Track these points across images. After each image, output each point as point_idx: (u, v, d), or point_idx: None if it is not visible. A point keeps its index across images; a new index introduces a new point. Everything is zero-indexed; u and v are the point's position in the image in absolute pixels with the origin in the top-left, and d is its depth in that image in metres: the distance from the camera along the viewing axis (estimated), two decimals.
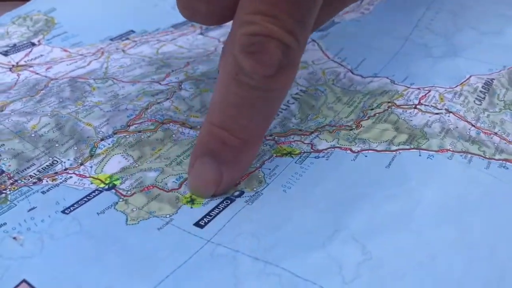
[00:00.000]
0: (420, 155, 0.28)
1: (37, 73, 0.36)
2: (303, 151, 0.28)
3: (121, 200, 0.25)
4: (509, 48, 0.39)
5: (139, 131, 0.29)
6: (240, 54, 0.22)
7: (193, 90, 0.33)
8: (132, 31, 0.43)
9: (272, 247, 0.22)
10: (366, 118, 0.31)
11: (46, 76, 0.35)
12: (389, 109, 0.32)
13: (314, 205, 0.25)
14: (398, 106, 0.32)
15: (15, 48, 0.40)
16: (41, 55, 0.39)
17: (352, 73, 0.36)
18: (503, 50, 0.38)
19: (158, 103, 0.32)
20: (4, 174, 0.26)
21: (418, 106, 0.32)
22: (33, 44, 0.40)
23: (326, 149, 0.28)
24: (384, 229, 0.23)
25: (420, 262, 0.22)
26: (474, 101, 0.33)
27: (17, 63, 0.38)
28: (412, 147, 0.28)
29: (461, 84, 0.34)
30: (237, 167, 0.25)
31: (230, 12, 0.23)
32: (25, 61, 0.38)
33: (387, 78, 0.35)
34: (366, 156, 0.28)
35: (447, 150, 0.28)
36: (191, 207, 0.25)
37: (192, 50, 0.40)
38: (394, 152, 0.28)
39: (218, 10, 0.24)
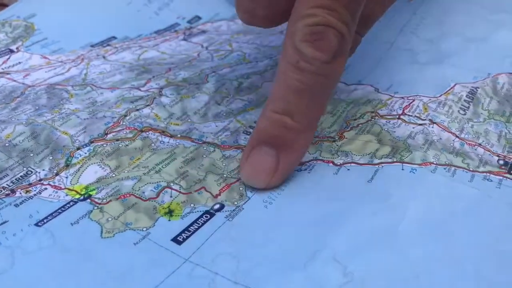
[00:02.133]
0: (403, 169, 0.27)
1: (14, 80, 0.35)
2: None
3: (96, 208, 0.24)
4: (493, 55, 0.38)
5: (117, 140, 0.28)
6: (302, 42, 0.24)
7: (174, 96, 0.33)
8: (114, 37, 0.42)
9: (252, 269, 0.22)
10: (349, 129, 0.30)
11: (23, 83, 0.34)
12: (373, 119, 0.31)
13: (295, 222, 0.24)
14: (382, 116, 0.32)
15: None
16: (19, 62, 0.38)
17: None
18: (487, 57, 0.38)
19: (137, 110, 0.31)
20: None
21: (401, 116, 0.31)
22: (12, 51, 0.39)
23: (308, 162, 0.28)
24: (367, 248, 0.22)
25: (404, 280, 0.21)
26: (459, 110, 0.32)
27: None
28: (395, 160, 0.28)
29: (445, 93, 0.34)
30: (294, 153, 0.26)
31: (286, 13, 0.26)
32: (2, 68, 0.37)
33: (372, 86, 0.35)
34: (348, 169, 0.27)
35: (430, 163, 0.28)
36: (169, 220, 0.24)
37: (174, 56, 0.39)
38: (377, 166, 0.27)
39: (276, 12, 0.28)
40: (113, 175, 0.26)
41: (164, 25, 0.45)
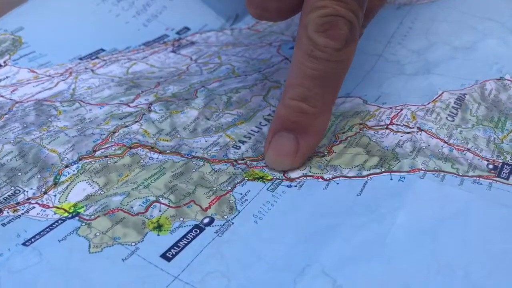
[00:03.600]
0: (391, 179, 0.27)
1: (2, 96, 0.35)
2: (275, 178, 0.28)
3: (83, 224, 0.24)
4: (480, 62, 0.39)
5: (106, 156, 0.28)
6: (315, 33, 0.26)
7: (163, 112, 0.33)
8: (102, 50, 0.42)
9: None
10: (338, 142, 0.31)
11: (11, 99, 0.34)
12: (361, 131, 0.31)
13: (285, 238, 0.24)
14: (370, 127, 0.32)
15: None
16: (7, 77, 0.38)
17: None
18: (475, 65, 0.39)
19: (126, 126, 0.31)
20: None
21: (389, 126, 0.32)
22: None
23: (298, 178, 0.28)
24: (356, 260, 0.23)
25: None
26: (447, 117, 0.33)
27: None
28: (383, 170, 0.28)
29: (433, 100, 0.34)
30: (312, 136, 0.28)
31: (296, 7, 0.29)
32: None
33: (360, 98, 0.35)
34: (337, 183, 0.27)
35: (419, 169, 0.28)
36: (158, 234, 0.24)
37: (163, 70, 0.39)
38: (366, 178, 0.28)
39: (286, 6, 0.29)
40: (102, 192, 0.26)
41: (153, 37, 0.45)
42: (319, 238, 0.24)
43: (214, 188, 0.27)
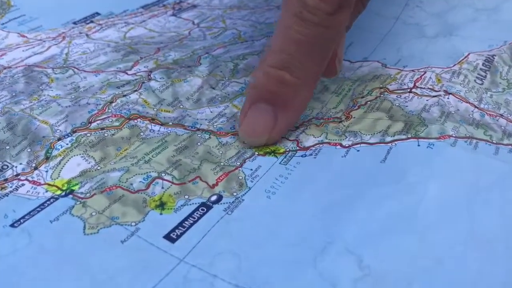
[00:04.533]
0: (419, 145, 0.25)
1: None
2: (288, 149, 0.26)
3: (78, 203, 0.22)
4: (508, 23, 0.36)
5: (102, 129, 0.26)
6: None
7: (164, 80, 0.30)
8: (97, 13, 0.39)
9: (255, 270, 0.19)
10: (356, 107, 0.28)
11: None
12: (382, 95, 0.29)
13: (302, 213, 0.22)
14: (391, 91, 0.29)
15: None
16: None
17: None
18: (501, 26, 0.36)
19: (124, 95, 0.28)
20: None
21: (413, 90, 0.29)
22: None
23: (313, 146, 0.26)
24: (383, 235, 0.20)
25: (427, 269, 0.19)
26: (475, 80, 0.30)
27: None
28: (410, 136, 0.26)
29: (459, 62, 0.32)
30: (292, 110, 0.26)
31: None
32: None
33: (378, 62, 0.33)
34: (358, 150, 0.25)
35: (449, 136, 0.25)
36: (161, 213, 0.22)
37: (163, 34, 0.37)
38: (390, 144, 0.25)
39: None
40: (98, 168, 0.24)
41: None
42: (340, 211, 0.22)
43: (222, 164, 0.25)
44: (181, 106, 0.28)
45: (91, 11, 0.40)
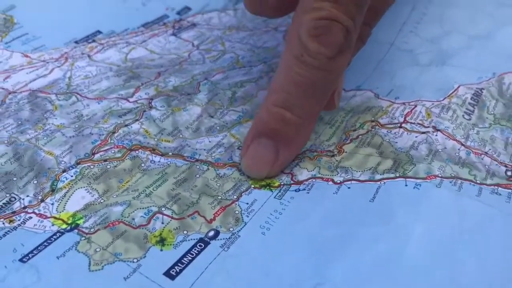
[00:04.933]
0: (406, 185, 0.27)
1: None
2: (282, 183, 0.27)
3: (83, 238, 0.23)
4: (498, 53, 0.38)
5: (105, 160, 0.27)
6: (307, 36, 0.24)
7: (165, 109, 0.31)
8: (99, 32, 0.40)
9: None
10: (348, 141, 0.30)
11: (3, 88, 0.33)
12: (373, 129, 0.30)
13: (294, 251, 0.23)
14: (383, 125, 0.31)
15: None
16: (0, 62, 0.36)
17: None
18: (492, 56, 0.37)
19: (126, 125, 0.30)
20: None
21: (403, 125, 0.31)
22: None
23: (307, 180, 0.27)
24: (369, 280, 0.22)
25: None
26: (463, 115, 0.32)
27: None
28: (398, 175, 0.27)
29: (449, 96, 0.33)
30: (293, 146, 0.27)
31: (294, 3, 0.26)
32: None
33: (371, 91, 0.34)
34: (349, 188, 0.27)
35: (435, 176, 0.27)
36: (161, 250, 0.23)
37: (163, 56, 0.38)
38: (379, 183, 0.27)
39: (284, 1, 0.29)
40: (102, 201, 0.25)
41: (152, 17, 0.43)
42: (330, 250, 0.23)
43: (219, 197, 0.26)
44: (181, 136, 0.30)
45: (92, 29, 0.40)
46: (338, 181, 0.27)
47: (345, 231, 0.24)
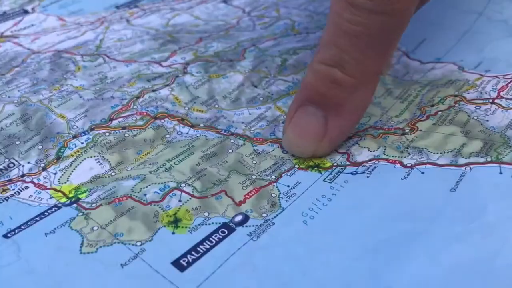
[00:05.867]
0: (501, 173, 0.21)
1: (20, 45, 0.31)
2: (335, 164, 0.22)
3: (80, 214, 0.19)
4: None
5: (123, 128, 0.23)
6: None
7: (201, 75, 0.27)
8: None
9: None
10: (424, 117, 0.24)
11: (28, 49, 0.30)
12: (457, 105, 0.25)
13: (344, 248, 0.18)
14: (469, 101, 0.25)
15: (4, 16, 0.35)
16: (32, 25, 0.34)
17: (408, 57, 0.29)
18: None
19: (154, 90, 0.26)
20: None
21: (496, 101, 0.25)
22: (26, 12, 0.35)
23: (367, 161, 0.22)
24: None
25: None
26: None
27: (1, 33, 0.32)
28: (489, 160, 0.21)
29: None
30: (345, 115, 0.22)
31: None
32: (11, 31, 0.33)
33: (454, 64, 0.28)
34: (422, 172, 0.21)
35: None
36: (173, 233, 0.19)
37: (209, 23, 0.33)
38: (463, 168, 0.21)
39: None
40: (112, 174, 0.21)
41: None
42: (394, 249, 0.18)
43: (254, 176, 0.21)
44: (216, 106, 0.25)
45: None
46: (409, 164, 0.21)
47: (416, 227, 0.19)
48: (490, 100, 0.25)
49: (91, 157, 0.22)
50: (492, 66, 0.28)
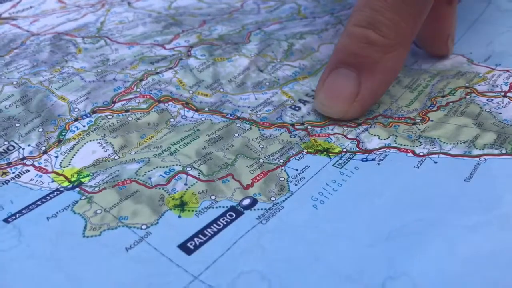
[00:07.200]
0: None
1: (19, 27, 0.30)
2: (345, 150, 0.22)
3: (83, 198, 0.19)
4: None
5: (126, 111, 0.23)
6: None
7: (205, 58, 0.27)
8: None
9: None
10: (435, 108, 0.24)
11: (28, 31, 0.30)
12: (468, 96, 0.24)
13: (357, 235, 0.18)
14: (481, 93, 0.25)
15: None
16: (31, 7, 0.33)
17: (417, 46, 0.29)
18: None
19: (157, 73, 0.26)
20: None
21: (508, 94, 0.25)
22: None
23: (377, 149, 0.22)
24: (463, 276, 0.16)
25: None
26: None
27: None
28: (504, 152, 0.21)
29: None
30: (378, 75, 0.23)
31: None
32: (9, 13, 0.33)
33: (463, 56, 0.28)
34: (435, 162, 0.21)
35: None
36: (179, 216, 0.19)
37: (213, 6, 0.33)
38: (477, 159, 0.21)
39: None
40: (115, 157, 0.21)
41: None
42: (408, 239, 0.18)
43: (261, 160, 0.21)
44: (221, 90, 0.25)
45: None
46: (421, 153, 0.21)
47: (431, 216, 0.18)
48: (502, 94, 0.25)
49: (93, 140, 0.22)
50: (502, 60, 0.28)
